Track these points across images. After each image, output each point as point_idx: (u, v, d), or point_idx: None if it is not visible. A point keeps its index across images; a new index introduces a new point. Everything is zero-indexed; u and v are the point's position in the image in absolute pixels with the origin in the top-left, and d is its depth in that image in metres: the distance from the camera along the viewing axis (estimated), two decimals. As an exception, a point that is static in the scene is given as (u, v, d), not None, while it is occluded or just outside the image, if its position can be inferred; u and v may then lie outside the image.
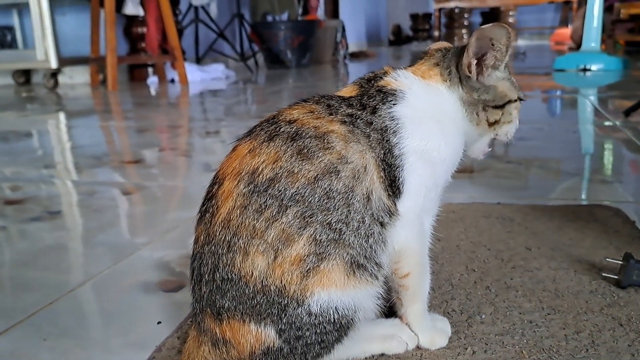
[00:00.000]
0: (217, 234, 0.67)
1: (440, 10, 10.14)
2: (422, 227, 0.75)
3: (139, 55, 5.36)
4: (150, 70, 5.52)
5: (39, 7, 4.56)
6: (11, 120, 3.29)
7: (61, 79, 5.27)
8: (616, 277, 0.93)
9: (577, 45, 5.40)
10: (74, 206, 1.61)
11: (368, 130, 0.70)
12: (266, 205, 0.66)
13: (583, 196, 1.46)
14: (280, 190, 0.66)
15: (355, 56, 8.16)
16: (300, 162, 0.67)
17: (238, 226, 0.66)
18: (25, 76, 5.51)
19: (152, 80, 5.33)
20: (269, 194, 0.66)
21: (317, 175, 0.67)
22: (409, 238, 0.73)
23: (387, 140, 0.71)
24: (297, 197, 0.66)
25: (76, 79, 5.48)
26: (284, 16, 6.87)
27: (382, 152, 0.70)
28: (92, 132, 2.87)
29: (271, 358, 0.68)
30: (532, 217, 1.27)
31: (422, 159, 0.72)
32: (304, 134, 0.69)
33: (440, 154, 0.74)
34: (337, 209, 0.67)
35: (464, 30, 10.34)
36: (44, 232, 1.35)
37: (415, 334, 0.77)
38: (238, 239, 0.66)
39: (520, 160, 1.86)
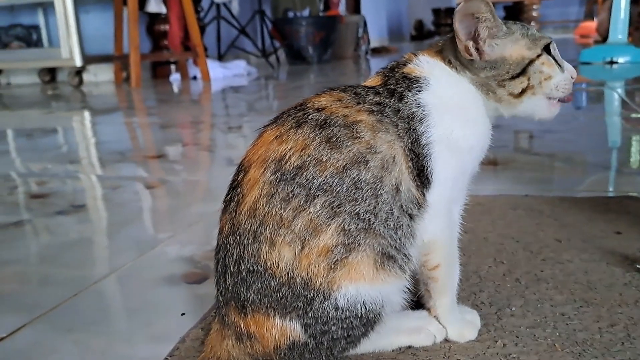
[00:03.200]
0: (243, 223, 0.66)
1: (462, 4, 10.02)
2: (451, 218, 0.73)
3: (161, 53, 5.39)
4: (172, 67, 5.55)
5: (64, 6, 4.62)
6: (37, 117, 3.33)
7: (86, 77, 5.33)
8: (651, 269, 0.90)
9: (603, 38, 5.29)
10: (98, 200, 1.61)
11: (396, 119, 0.68)
12: (294, 194, 0.64)
13: (612, 188, 1.42)
14: (308, 179, 0.64)
15: (377, 51, 8.11)
16: (329, 150, 0.65)
17: (264, 215, 0.65)
18: (50, 74, 5.58)
19: (175, 77, 5.37)
20: (297, 182, 0.64)
21: (346, 164, 0.65)
22: (439, 229, 0.71)
23: (414, 129, 0.69)
24: (325, 187, 0.64)
25: (100, 76, 5.54)
26: (306, 12, 6.85)
27: (410, 141, 0.68)
28: (116, 129, 2.90)
29: (296, 353, 0.67)
30: (561, 209, 1.24)
31: (449, 148, 0.70)
32: (332, 122, 0.67)
33: (468, 142, 0.71)
34: (365, 200, 0.65)
35: (486, 24, 10.20)
36: (69, 225, 1.36)
37: (443, 326, 0.75)
38: (264, 229, 0.64)
39: (546, 153, 1.82)
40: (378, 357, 0.72)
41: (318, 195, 0.64)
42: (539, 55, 0.71)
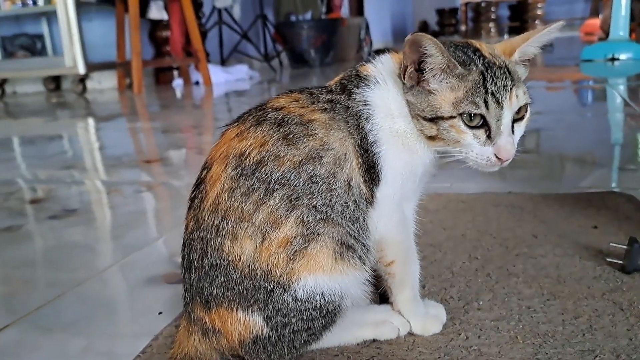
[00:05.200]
0: (206, 218, 0.68)
1: (466, 4, 10.02)
2: (402, 215, 0.74)
3: (163, 59, 5.43)
4: (175, 73, 5.59)
5: (66, 15, 4.66)
6: (42, 125, 3.37)
7: (90, 84, 5.38)
8: (621, 262, 0.91)
9: (607, 35, 5.27)
10: (90, 204, 1.64)
11: (346, 116, 0.71)
12: (254, 188, 0.67)
13: (599, 184, 1.42)
14: (267, 174, 0.67)
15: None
16: (287, 146, 0.68)
17: (226, 210, 0.67)
18: (55, 83, 5.64)
19: (178, 82, 5.40)
20: (256, 177, 0.67)
21: (302, 160, 0.67)
22: (390, 226, 0.73)
23: (362, 127, 0.70)
24: (283, 181, 0.67)
25: (104, 84, 5.59)
26: (307, 15, 6.88)
27: (359, 137, 0.70)
28: (117, 134, 2.93)
29: (260, 346, 0.69)
30: (543, 206, 1.25)
31: (396, 146, 0.71)
32: (289, 121, 0.69)
33: (414, 141, 0.72)
34: (322, 194, 0.67)
35: (491, 24, 10.21)
36: (60, 229, 1.39)
37: (407, 320, 0.77)
38: (227, 223, 0.67)
39: (538, 151, 1.83)
40: (342, 350, 0.74)
41: (277, 189, 0.66)
42: (451, 117, 0.68)
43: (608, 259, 0.94)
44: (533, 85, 3.36)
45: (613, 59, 4.40)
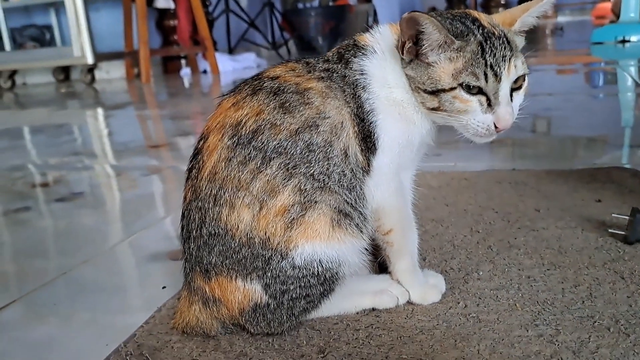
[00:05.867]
0: (204, 188, 0.69)
1: (476, -11, 9.91)
2: (399, 184, 0.75)
3: (170, 48, 5.44)
4: (183, 62, 5.60)
5: (74, 5, 4.68)
6: (51, 115, 3.40)
7: (98, 74, 5.41)
8: (623, 233, 0.91)
9: (618, 17, 5.20)
10: (99, 187, 1.65)
11: (343, 85, 0.71)
12: (250, 157, 0.67)
13: (605, 160, 1.42)
14: (263, 142, 0.67)
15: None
16: (283, 115, 0.68)
17: (224, 179, 0.67)
18: (64, 73, 5.67)
19: (185, 71, 5.41)
20: (253, 145, 0.67)
21: (299, 128, 0.68)
22: (386, 195, 0.73)
23: (358, 96, 0.71)
24: (280, 149, 0.67)
25: (113, 73, 5.61)
26: (315, 2, 6.85)
27: (356, 106, 0.70)
28: (125, 122, 2.94)
29: (260, 314, 0.69)
30: (546, 181, 1.24)
31: (393, 115, 0.71)
32: (286, 89, 0.70)
33: (411, 111, 0.72)
34: (319, 162, 0.67)
35: (500, 9, 10.09)
36: (68, 210, 1.40)
37: (406, 289, 0.77)
38: (224, 192, 0.67)
39: (546, 131, 1.82)
40: (342, 318, 0.75)
41: (274, 157, 0.67)
42: (452, 88, 0.68)
43: (610, 230, 0.93)
44: (544, 69, 3.35)
45: (624, 41, 4.35)
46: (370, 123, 0.70)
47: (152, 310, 0.84)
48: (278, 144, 0.67)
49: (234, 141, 0.67)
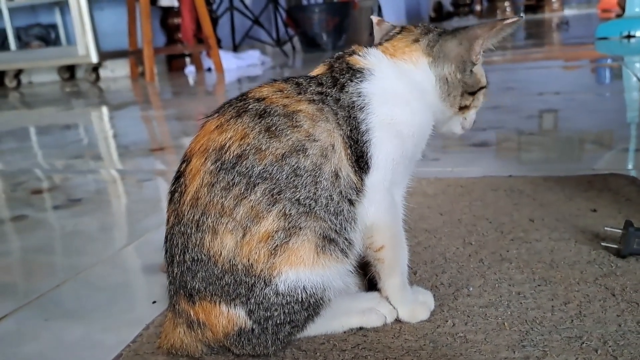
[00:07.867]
0: (186, 213, 0.68)
1: (481, -17, 9.85)
2: (392, 201, 0.74)
3: (174, 46, 5.45)
4: (187, 60, 5.61)
5: (78, 4, 4.69)
6: (56, 114, 3.41)
7: (103, 72, 5.43)
8: (616, 246, 0.90)
9: (624, 10, 5.15)
10: (97, 193, 1.66)
11: (336, 108, 0.70)
12: (234, 183, 0.66)
13: (604, 164, 1.40)
14: (248, 168, 0.66)
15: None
16: (269, 139, 0.67)
17: (206, 205, 0.67)
18: (69, 72, 5.69)
19: (190, 69, 5.42)
20: (237, 171, 0.66)
21: (285, 153, 0.67)
22: (379, 211, 0.72)
23: (353, 117, 0.70)
24: (264, 175, 0.66)
25: (117, 72, 5.63)
26: (319, -1, 6.83)
27: (349, 129, 0.70)
28: (132, 122, 2.95)
29: (245, 338, 0.69)
30: (543, 189, 1.23)
31: (389, 133, 0.71)
32: (272, 112, 0.69)
33: (408, 129, 0.73)
34: (305, 187, 0.67)
35: (506, 3, 10.03)
36: (65, 218, 1.41)
37: (394, 307, 0.77)
38: (207, 218, 0.67)
39: (546, 132, 1.81)
40: (329, 338, 0.74)
41: (258, 183, 0.66)
42: (485, 86, 0.80)
43: (603, 244, 0.92)
44: (549, 65, 3.32)
45: (629, 36, 4.31)
46: (365, 142, 0.70)
47: (140, 327, 0.84)
48: (263, 169, 0.66)
49: (217, 166, 0.67)
